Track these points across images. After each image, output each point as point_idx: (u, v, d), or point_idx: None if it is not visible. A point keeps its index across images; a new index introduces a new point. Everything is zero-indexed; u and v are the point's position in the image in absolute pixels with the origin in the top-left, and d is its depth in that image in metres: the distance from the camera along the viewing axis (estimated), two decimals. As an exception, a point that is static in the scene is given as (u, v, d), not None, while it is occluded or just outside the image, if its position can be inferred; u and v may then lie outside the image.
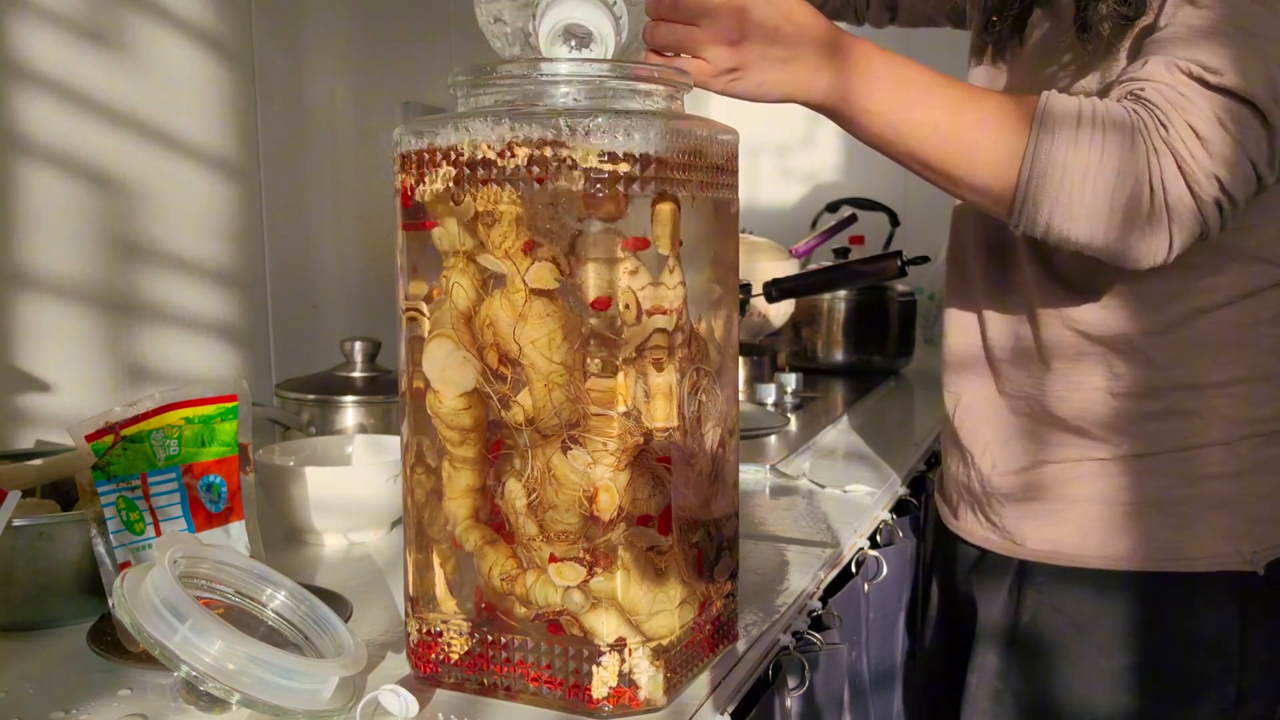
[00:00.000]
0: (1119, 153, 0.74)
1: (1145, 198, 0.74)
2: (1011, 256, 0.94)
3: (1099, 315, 0.88)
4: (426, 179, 0.65)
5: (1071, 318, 0.89)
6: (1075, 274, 0.88)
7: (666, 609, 0.65)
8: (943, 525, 1.05)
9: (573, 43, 0.70)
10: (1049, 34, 0.92)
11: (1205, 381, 0.86)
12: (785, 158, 2.72)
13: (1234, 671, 0.86)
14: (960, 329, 1.01)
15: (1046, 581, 0.91)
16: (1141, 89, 0.76)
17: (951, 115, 0.77)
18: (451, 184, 0.64)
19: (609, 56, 0.70)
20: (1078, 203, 0.75)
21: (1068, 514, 0.90)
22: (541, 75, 0.64)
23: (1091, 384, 0.89)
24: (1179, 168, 0.74)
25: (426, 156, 0.64)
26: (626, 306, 0.61)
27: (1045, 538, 0.91)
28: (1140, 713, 0.88)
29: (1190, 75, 0.74)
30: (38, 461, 0.88)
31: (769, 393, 1.67)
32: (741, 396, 1.66)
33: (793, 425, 1.55)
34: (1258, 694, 0.87)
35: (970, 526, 0.99)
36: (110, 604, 0.71)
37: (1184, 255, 0.78)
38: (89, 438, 0.75)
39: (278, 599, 0.71)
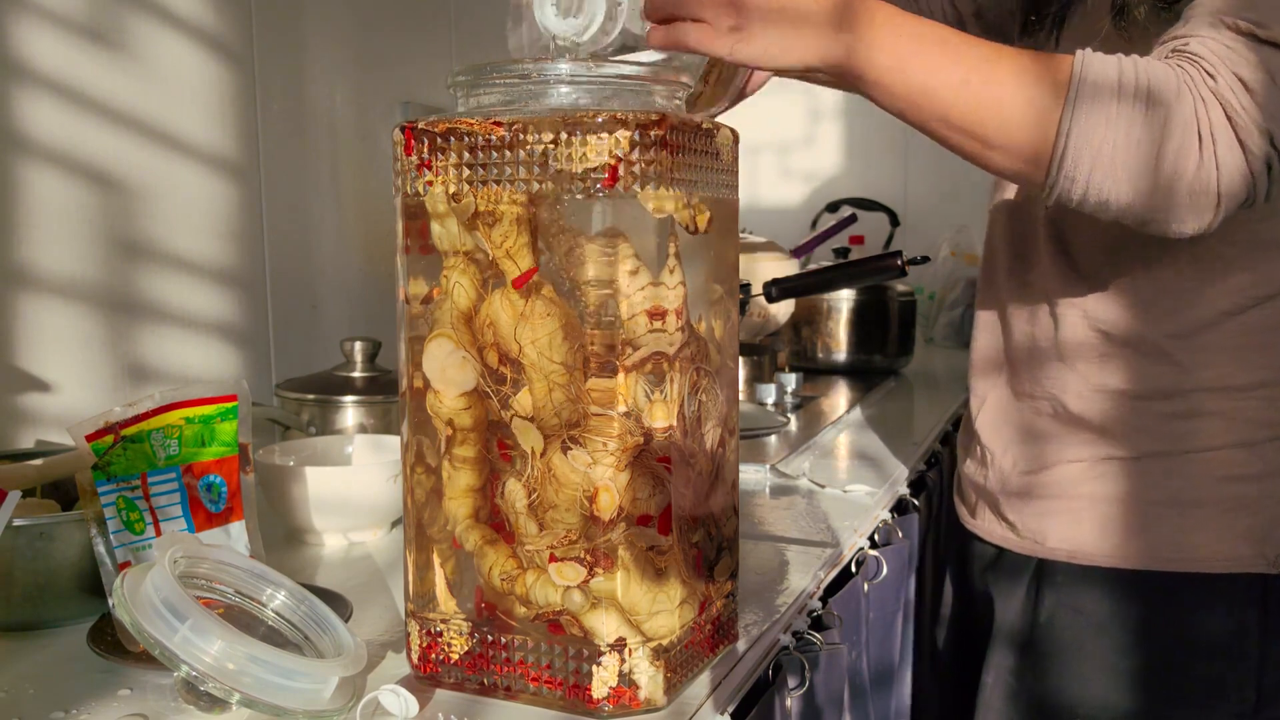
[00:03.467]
0: (1163, 107, 0.70)
1: (1193, 152, 0.70)
2: (1035, 255, 0.94)
3: (1122, 315, 0.87)
4: (426, 178, 0.65)
5: (1095, 318, 0.89)
6: (1100, 271, 0.88)
7: (666, 609, 0.65)
8: (958, 524, 1.04)
9: (558, 7, 0.67)
10: (1081, 31, 0.90)
11: (1229, 384, 0.85)
12: (785, 158, 2.72)
13: (1253, 674, 0.85)
14: (986, 329, 1.01)
15: (1065, 581, 0.91)
16: (1185, 43, 0.73)
17: (982, 71, 0.73)
18: (451, 183, 0.64)
19: (595, 26, 0.67)
20: (1120, 161, 0.71)
21: (1087, 514, 0.90)
22: (541, 75, 0.64)
23: (1114, 384, 0.88)
24: (1228, 119, 0.70)
25: (426, 156, 0.64)
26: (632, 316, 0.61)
27: (1064, 537, 0.91)
28: (1157, 714, 0.88)
29: (1237, 30, 0.71)
30: (38, 461, 0.88)
31: (769, 393, 1.67)
32: (741, 396, 1.66)
33: (793, 425, 1.55)
34: (1278, 697, 0.86)
35: (988, 525, 0.98)
36: (110, 604, 0.71)
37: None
38: (89, 438, 0.75)
39: (278, 599, 0.71)
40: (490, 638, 0.66)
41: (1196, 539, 0.85)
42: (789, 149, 2.71)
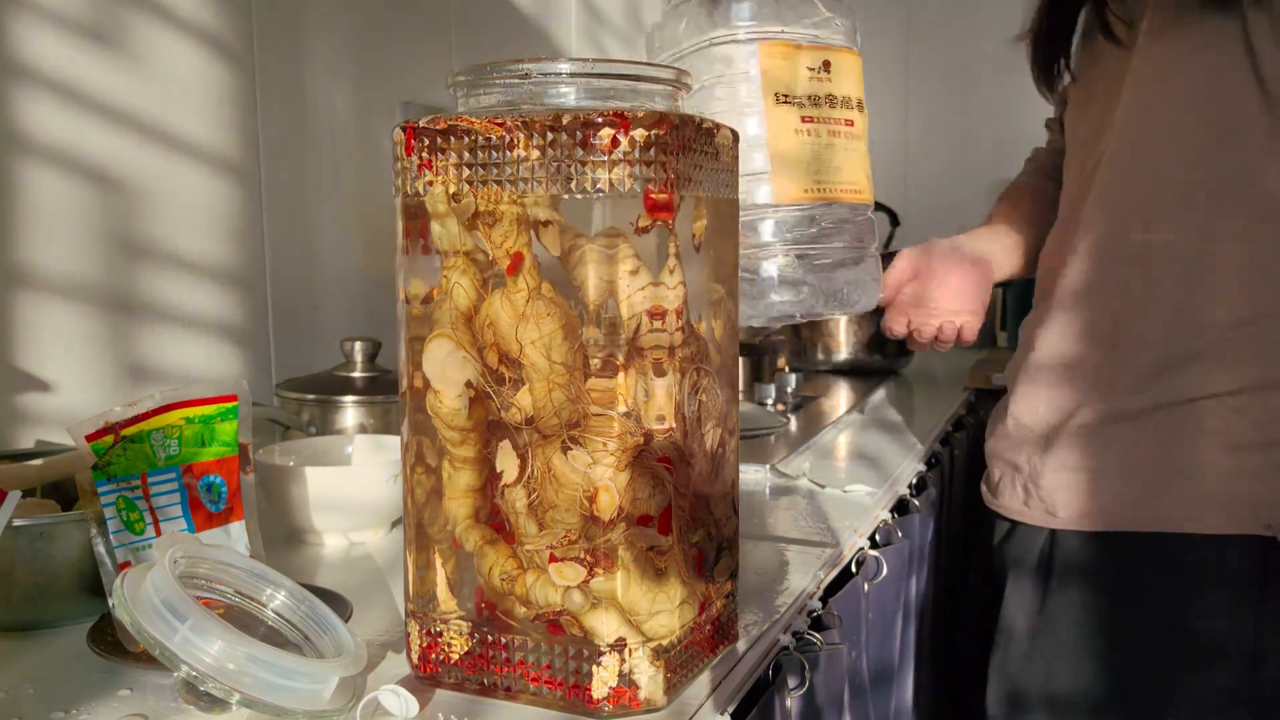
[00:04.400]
0: None
1: None
2: (1083, 245, 0.98)
3: (1142, 316, 0.92)
4: (426, 178, 0.65)
5: (1120, 312, 0.93)
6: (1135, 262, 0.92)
7: (666, 609, 0.65)
8: (983, 509, 1.08)
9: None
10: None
11: (1235, 324, 0.89)
12: (785, 158, 2.71)
13: (1251, 635, 0.88)
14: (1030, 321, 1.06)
15: (1076, 547, 0.95)
16: None
17: None
18: (451, 183, 0.64)
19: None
20: None
21: (1096, 482, 0.93)
22: (542, 75, 0.64)
23: (1137, 358, 0.92)
24: None
25: (427, 155, 0.65)
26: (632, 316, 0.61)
27: (1073, 505, 0.95)
28: (1161, 670, 0.91)
29: None
30: (38, 461, 0.88)
31: (769, 393, 1.67)
32: (741, 396, 1.66)
33: (793, 425, 1.55)
34: (1276, 655, 0.89)
35: (1006, 501, 1.02)
36: (110, 604, 0.71)
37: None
38: (89, 438, 0.75)
39: (278, 599, 0.71)
40: (490, 638, 0.66)
41: (1199, 505, 0.89)
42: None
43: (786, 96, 0.78)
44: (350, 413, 1.19)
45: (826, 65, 0.79)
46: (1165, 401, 0.90)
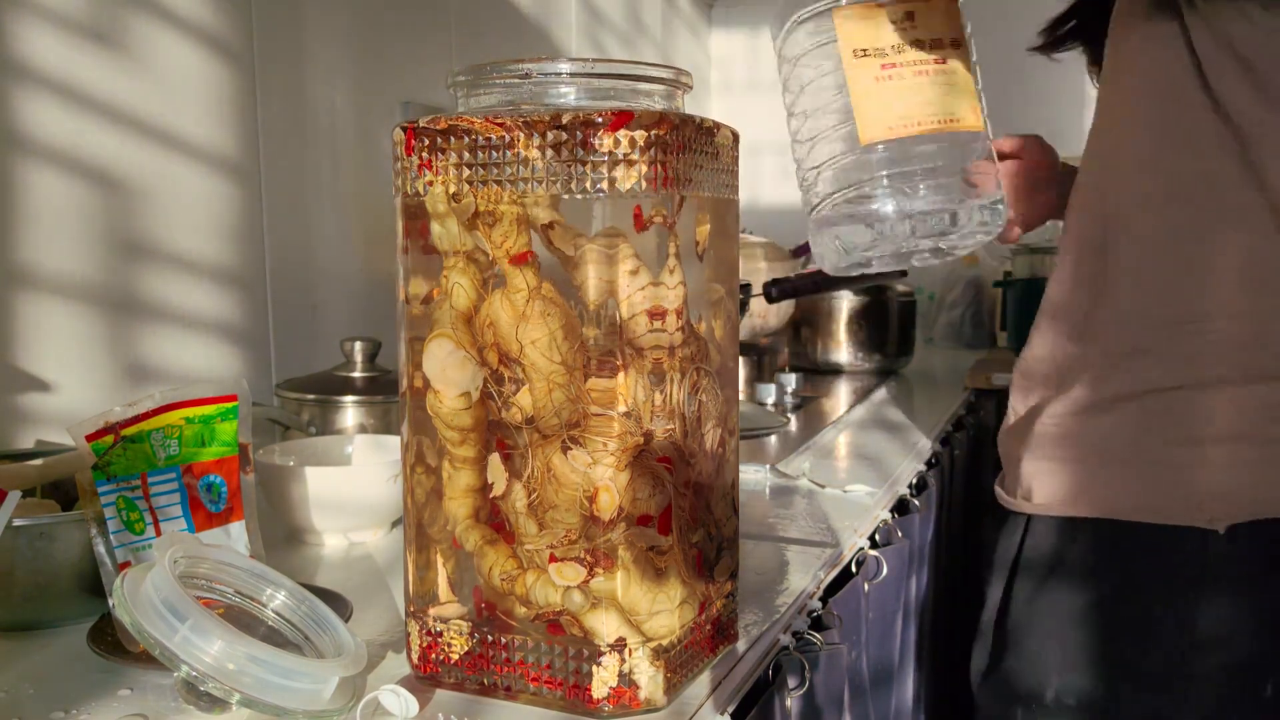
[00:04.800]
0: None
1: None
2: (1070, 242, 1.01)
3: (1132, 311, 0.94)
4: (426, 178, 0.65)
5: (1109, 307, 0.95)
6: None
7: (666, 609, 0.65)
8: (988, 504, 1.10)
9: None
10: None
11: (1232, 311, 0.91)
12: (785, 158, 2.71)
13: (1188, 623, 0.91)
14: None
15: (1045, 532, 0.97)
16: None
17: None
18: (451, 183, 0.64)
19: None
20: None
21: (1070, 468, 0.95)
22: (542, 74, 0.64)
23: (1095, 352, 0.94)
24: None
25: (427, 155, 0.65)
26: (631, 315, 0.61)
27: (1046, 491, 0.97)
28: (1102, 652, 0.94)
29: None
30: (38, 461, 0.88)
31: (769, 393, 1.68)
32: (741, 396, 1.66)
33: (793, 425, 1.55)
34: (1208, 647, 0.91)
35: (1004, 492, 1.05)
36: (110, 604, 0.71)
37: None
38: (89, 438, 0.75)
39: (278, 599, 0.71)
40: (490, 638, 0.66)
41: (1151, 494, 0.91)
42: (789, 149, 2.70)
43: (865, 51, 0.81)
44: (350, 413, 1.19)
45: (910, 15, 0.82)
46: (1123, 394, 0.92)
